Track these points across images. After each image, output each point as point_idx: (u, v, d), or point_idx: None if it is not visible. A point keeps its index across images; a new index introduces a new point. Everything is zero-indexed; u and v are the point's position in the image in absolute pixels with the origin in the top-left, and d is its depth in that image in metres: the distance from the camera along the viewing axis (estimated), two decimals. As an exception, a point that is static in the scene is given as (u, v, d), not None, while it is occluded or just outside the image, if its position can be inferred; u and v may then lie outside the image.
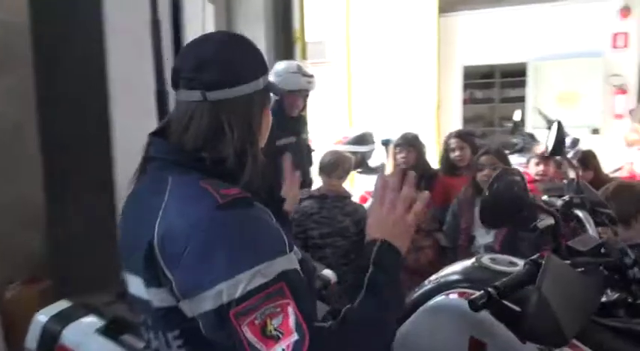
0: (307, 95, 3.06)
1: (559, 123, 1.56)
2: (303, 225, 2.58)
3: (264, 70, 1.04)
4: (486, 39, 7.36)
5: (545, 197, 1.58)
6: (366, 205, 3.70)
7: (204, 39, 1.04)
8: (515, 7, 7.19)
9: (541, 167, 3.04)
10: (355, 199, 3.01)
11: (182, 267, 0.85)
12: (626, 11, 6.81)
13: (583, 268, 1.00)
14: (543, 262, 0.95)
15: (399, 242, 0.95)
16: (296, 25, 4.91)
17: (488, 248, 2.42)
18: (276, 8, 4.82)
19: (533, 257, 1.05)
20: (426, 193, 0.98)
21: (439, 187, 2.94)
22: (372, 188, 4.13)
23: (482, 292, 0.99)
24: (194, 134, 0.96)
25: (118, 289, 1.41)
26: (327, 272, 1.96)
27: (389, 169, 3.18)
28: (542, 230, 1.21)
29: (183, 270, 0.85)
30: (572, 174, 2.94)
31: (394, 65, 7.47)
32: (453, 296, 1.26)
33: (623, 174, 2.89)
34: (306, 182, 3.10)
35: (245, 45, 1.03)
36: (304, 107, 3.12)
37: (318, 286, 1.88)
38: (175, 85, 1.01)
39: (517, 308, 1.01)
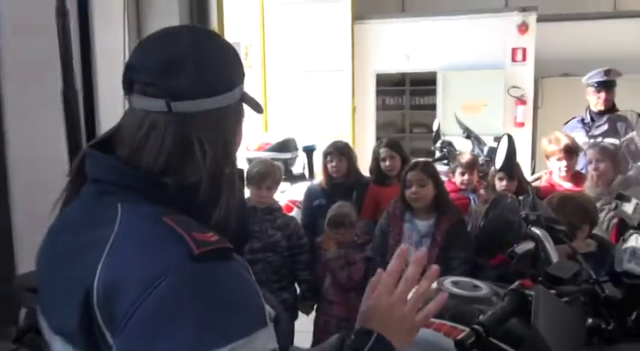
0: None
1: (509, 137, 1.53)
2: (231, 240, 2.40)
3: (241, 78, 0.86)
4: (398, 47, 7.53)
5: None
6: (293, 215, 3.58)
7: (171, 34, 0.83)
8: (426, 19, 7.44)
9: (466, 177, 3.08)
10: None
11: (128, 333, 0.65)
12: (523, 27, 7.28)
13: (567, 298, 0.95)
14: (534, 294, 0.88)
15: (398, 342, 0.80)
16: (214, 23, 4.67)
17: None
18: (190, 3, 4.55)
19: (512, 286, 0.98)
20: (444, 294, 0.85)
21: (370, 197, 2.88)
22: (295, 197, 4.03)
23: (468, 331, 0.90)
24: (154, 153, 0.77)
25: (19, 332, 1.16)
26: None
27: (317, 178, 3.07)
28: (520, 256, 1.16)
29: (128, 337, 0.65)
30: (498, 184, 3.05)
31: (310, 70, 7.45)
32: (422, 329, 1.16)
33: (542, 183, 3.00)
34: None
35: (222, 46, 0.84)
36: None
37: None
38: (128, 87, 0.80)
39: (507, 347, 0.93)
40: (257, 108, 0.92)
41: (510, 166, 1.52)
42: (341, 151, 2.92)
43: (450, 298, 1.21)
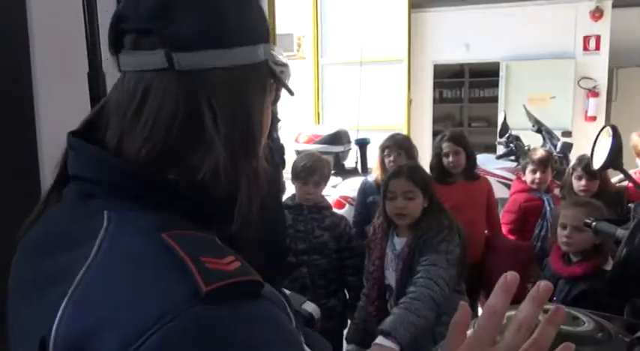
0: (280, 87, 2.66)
1: (614, 128, 1.22)
2: (275, 240, 2.18)
3: (265, 34, 0.64)
4: (457, 37, 7.12)
5: (593, 224, 1.25)
6: (343, 213, 3.35)
7: None
8: (488, 5, 7.00)
9: (538, 175, 2.74)
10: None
11: None
12: (597, 14, 6.71)
13: None
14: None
15: None
16: (265, 13, 4.48)
17: None
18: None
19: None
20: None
21: None
22: (346, 192, 3.79)
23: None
24: (149, 131, 0.55)
25: None
26: (309, 306, 1.58)
27: (373, 173, 2.82)
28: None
29: None
30: (576, 184, 2.70)
31: (365, 61, 7.17)
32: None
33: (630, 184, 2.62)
34: (279, 189, 2.70)
35: None
36: (277, 101, 2.71)
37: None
38: (117, 46, 0.59)
39: None
40: (287, 86, 0.70)
41: (617, 164, 1.21)
42: (400, 145, 2.66)
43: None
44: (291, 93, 0.72)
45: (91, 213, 0.54)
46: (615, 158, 1.19)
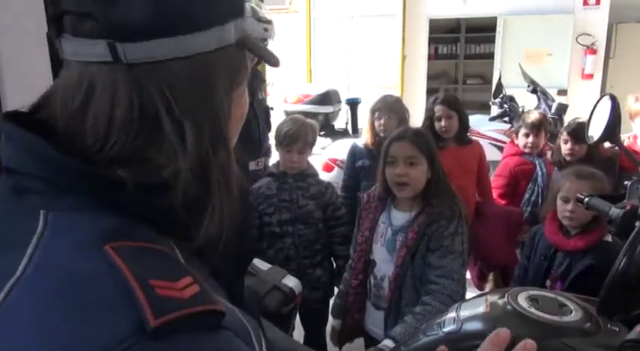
0: (264, 45, 2.53)
1: (613, 97, 1.14)
2: (258, 210, 2.12)
3: (236, 8, 0.54)
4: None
5: (586, 200, 1.18)
6: (331, 177, 3.28)
7: None
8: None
9: (531, 138, 2.67)
10: (317, 167, 2.56)
11: None
12: (599, -34, 6.46)
13: None
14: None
15: None
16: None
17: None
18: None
19: (634, 335, 0.64)
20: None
21: None
22: (336, 155, 3.71)
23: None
24: (100, 129, 0.48)
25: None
26: (290, 281, 1.52)
27: (363, 136, 2.72)
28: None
29: None
30: (563, 147, 2.63)
31: (358, 15, 6.94)
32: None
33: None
34: (264, 152, 2.63)
35: None
36: (260, 60, 2.59)
37: (275, 303, 1.45)
38: (58, 26, 0.50)
39: None
40: (271, 59, 0.60)
41: (613, 136, 1.13)
42: (391, 108, 2.55)
43: (526, 325, 0.89)
44: (275, 64, 0.62)
45: (27, 209, 0.46)
46: (612, 132, 1.11)
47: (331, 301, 2.27)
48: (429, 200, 1.67)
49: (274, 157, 2.43)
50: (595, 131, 1.17)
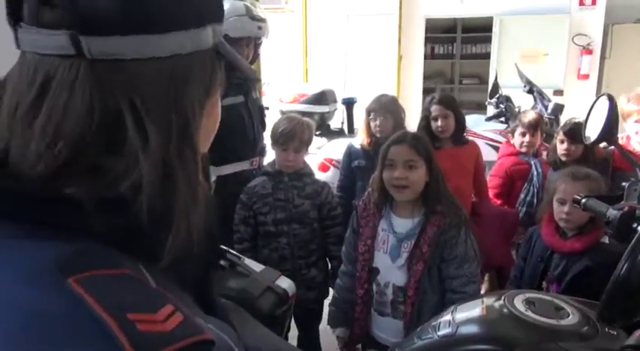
0: (258, 44, 2.52)
1: (610, 97, 1.12)
2: (253, 209, 2.10)
3: (216, 12, 0.51)
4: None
5: (583, 201, 1.17)
6: (327, 176, 3.26)
7: None
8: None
9: (527, 138, 2.66)
10: (313, 167, 2.55)
11: None
12: (594, -34, 6.46)
13: None
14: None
15: None
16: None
17: (401, 291, 1.68)
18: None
19: (633, 341, 0.63)
20: None
21: None
22: (331, 155, 3.70)
23: None
24: (49, 133, 0.42)
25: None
26: (284, 282, 1.50)
27: (359, 136, 2.71)
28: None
29: None
30: (559, 147, 2.62)
31: (354, 14, 6.92)
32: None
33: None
34: (259, 152, 2.61)
35: None
36: (255, 59, 2.57)
37: (269, 304, 1.43)
38: (15, 15, 0.45)
39: None
40: (246, 69, 0.57)
41: (610, 137, 1.12)
42: (387, 109, 2.52)
43: (522, 329, 0.88)
44: (250, 75, 0.59)
45: None
46: (610, 133, 1.10)
47: (326, 302, 2.26)
48: (430, 206, 1.68)
49: (269, 157, 2.42)
50: (592, 132, 1.16)
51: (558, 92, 6.50)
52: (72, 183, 0.42)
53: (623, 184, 1.10)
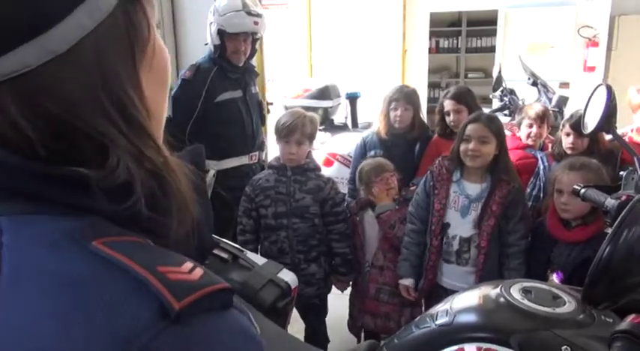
0: (256, 39, 2.53)
1: (609, 87, 1.12)
2: (256, 201, 2.11)
3: None
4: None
5: (582, 191, 1.17)
6: (331, 171, 3.26)
7: None
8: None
9: (534, 129, 2.65)
10: (318, 162, 2.55)
11: None
12: (601, -44, 6.40)
13: None
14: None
15: None
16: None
17: (466, 242, 2.08)
18: None
19: (624, 326, 0.64)
20: None
21: (432, 149, 2.54)
22: (335, 149, 3.69)
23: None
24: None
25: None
26: (286, 275, 1.51)
27: (374, 126, 2.73)
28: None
29: None
30: (565, 141, 2.60)
31: (357, 9, 6.90)
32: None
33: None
34: (258, 146, 2.62)
35: None
36: (252, 54, 2.58)
37: (271, 297, 1.44)
38: None
39: None
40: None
41: (609, 127, 1.12)
42: (409, 100, 2.54)
43: (518, 317, 0.88)
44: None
45: None
46: (608, 121, 1.10)
47: (329, 297, 2.27)
48: (497, 174, 2.06)
49: (275, 151, 2.43)
50: (591, 121, 1.16)
51: (564, 85, 6.46)
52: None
53: (621, 173, 1.10)
